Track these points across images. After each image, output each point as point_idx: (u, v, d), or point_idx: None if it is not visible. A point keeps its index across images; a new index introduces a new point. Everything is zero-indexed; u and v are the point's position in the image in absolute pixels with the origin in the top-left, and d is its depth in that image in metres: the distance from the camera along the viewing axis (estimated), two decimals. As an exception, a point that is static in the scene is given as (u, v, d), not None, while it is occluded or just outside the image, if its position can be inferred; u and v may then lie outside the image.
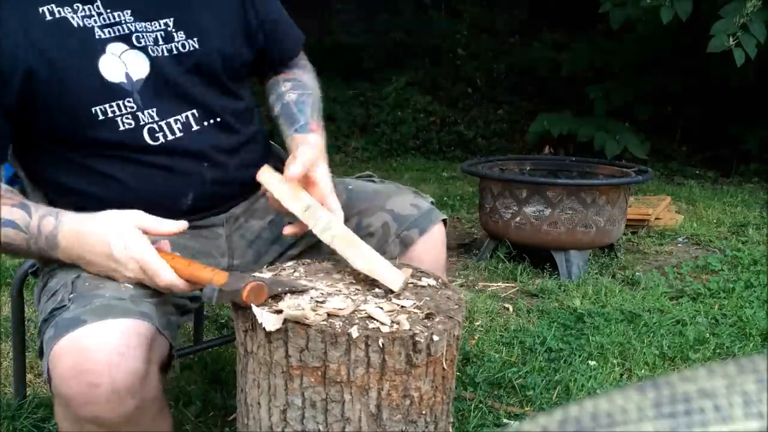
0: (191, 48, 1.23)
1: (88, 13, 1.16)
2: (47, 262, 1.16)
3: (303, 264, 1.17)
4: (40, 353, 0.99)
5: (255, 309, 0.93)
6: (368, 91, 6.83)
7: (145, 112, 1.18)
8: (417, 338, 0.91)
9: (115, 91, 1.15)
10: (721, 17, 3.95)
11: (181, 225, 1.09)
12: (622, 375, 2.02)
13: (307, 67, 1.50)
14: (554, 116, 5.68)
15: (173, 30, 1.22)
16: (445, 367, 0.97)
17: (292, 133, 1.30)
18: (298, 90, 1.40)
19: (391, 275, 1.07)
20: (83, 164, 1.20)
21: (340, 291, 1.05)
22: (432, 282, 1.12)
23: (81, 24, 1.15)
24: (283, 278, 1.09)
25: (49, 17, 1.13)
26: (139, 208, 1.12)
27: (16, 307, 1.71)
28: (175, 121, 1.22)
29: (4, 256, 2.02)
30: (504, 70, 6.98)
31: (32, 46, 1.11)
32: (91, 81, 1.13)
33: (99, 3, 1.17)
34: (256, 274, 1.13)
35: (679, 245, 3.48)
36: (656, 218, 3.69)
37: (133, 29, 1.18)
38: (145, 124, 1.19)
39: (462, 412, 1.74)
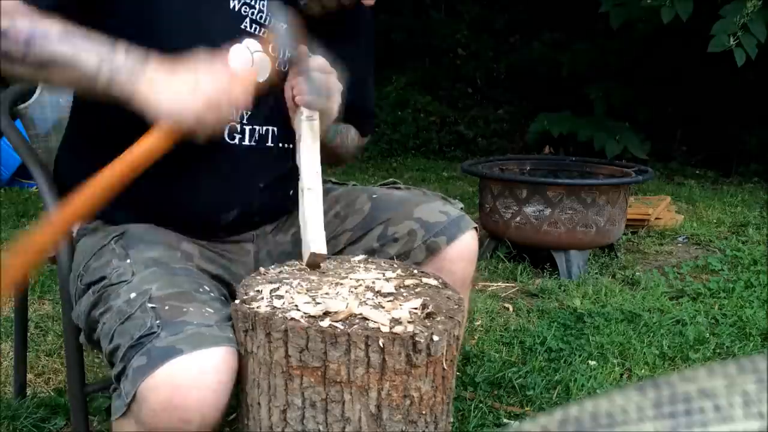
0: None
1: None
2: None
3: (302, 263, 1.17)
4: (118, 378, 0.96)
5: None
6: (368, 90, 6.83)
7: (240, 110, 1.16)
8: (417, 338, 0.91)
9: None
10: (722, 17, 3.96)
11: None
12: (622, 375, 2.02)
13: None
14: (554, 116, 5.68)
15: None
16: (445, 367, 0.97)
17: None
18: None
19: (316, 239, 1.09)
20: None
21: (338, 292, 1.05)
22: (432, 282, 1.12)
23: (237, 7, 1.17)
24: None
25: None
26: (184, 204, 1.17)
27: (19, 306, 1.72)
28: (257, 130, 1.21)
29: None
30: (504, 70, 6.98)
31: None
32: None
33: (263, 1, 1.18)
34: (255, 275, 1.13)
35: (679, 245, 3.48)
36: (656, 218, 3.69)
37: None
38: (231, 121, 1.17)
39: (462, 412, 1.74)
